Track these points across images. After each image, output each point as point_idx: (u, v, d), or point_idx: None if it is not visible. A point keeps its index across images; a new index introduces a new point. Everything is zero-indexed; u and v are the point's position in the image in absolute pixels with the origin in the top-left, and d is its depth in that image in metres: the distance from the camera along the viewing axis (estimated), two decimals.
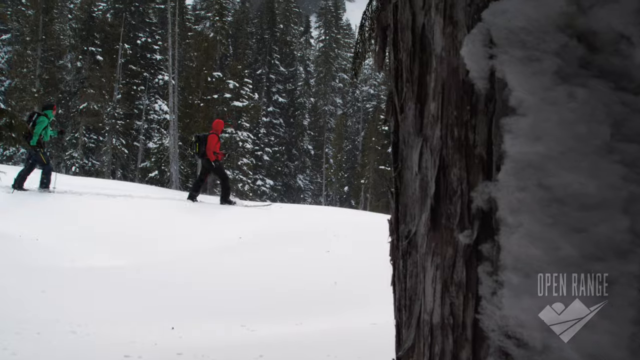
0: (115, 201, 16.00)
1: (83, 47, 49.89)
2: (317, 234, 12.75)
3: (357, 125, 74.41)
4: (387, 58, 1.82)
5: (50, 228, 12.17)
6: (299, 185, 64.00)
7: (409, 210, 1.62)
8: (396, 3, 1.63)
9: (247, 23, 70.51)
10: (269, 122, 61.76)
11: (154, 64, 52.34)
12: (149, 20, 53.83)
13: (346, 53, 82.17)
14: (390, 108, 1.72)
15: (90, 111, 45.92)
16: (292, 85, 67.48)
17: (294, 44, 73.46)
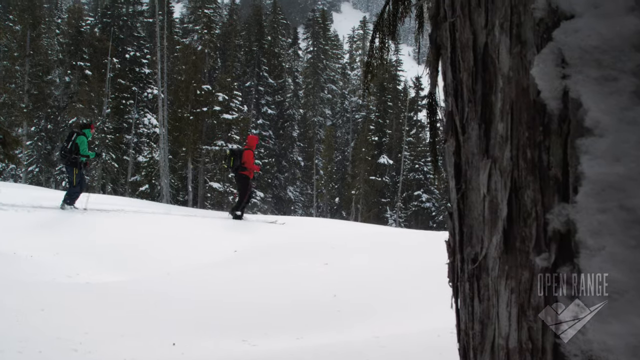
0: (108, 216, 15.95)
1: (71, 61, 49.84)
2: (314, 246, 12.73)
3: (346, 136, 74.51)
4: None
5: (44, 244, 12.10)
6: (290, 197, 63.94)
7: (475, 232, 1.59)
8: (453, 22, 1.61)
9: (235, 35, 70.53)
10: (259, 134, 61.72)
11: (143, 78, 52.31)
12: (137, 34, 53.84)
13: (334, 64, 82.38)
14: (450, 128, 1.69)
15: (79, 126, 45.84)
16: (281, 97, 67.47)
17: (282, 55, 73.49)
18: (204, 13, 59.72)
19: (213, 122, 48.07)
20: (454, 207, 1.69)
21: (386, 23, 4.88)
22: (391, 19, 4.84)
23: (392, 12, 4.86)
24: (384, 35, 4.94)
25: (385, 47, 5.14)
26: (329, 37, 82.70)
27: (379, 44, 5.11)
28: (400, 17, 4.81)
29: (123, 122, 49.60)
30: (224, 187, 46.85)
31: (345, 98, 77.41)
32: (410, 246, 12.92)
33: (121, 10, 53.57)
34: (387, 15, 4.88)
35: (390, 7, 4.87)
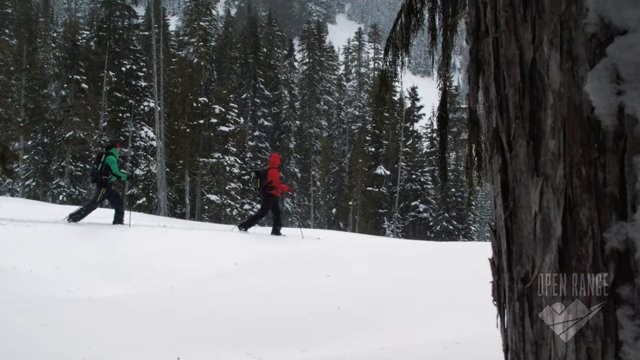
0: (107, 229, 15.91)
1: (68, 75, 49.80)
2: (315, 258, 12.70)
3: (343, 147, 74.52)
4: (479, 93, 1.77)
5: (44, 258, 12.06)
6: (287, 208, 63.86)
7: (524, 251, 1.57)
8: (497, 37, 1.59)
9: (230, 48, 70.58)
10: (255, 146, 61.73)
11: (139, 91, 52.28)
12: (133, 47, 53.82)
13: (330, 75, 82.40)
14: (496, 145, 1.66)
15: (76, 139, 45.78)
16: (277, 109, 67.53)
17: (278, 67, 73.56)
18: (200, 26, 59.72)
19: (210, 135, 48.05)
20: (499, 225, 1.66)
21: (399, 36, 4.86)
22: (404, 32, 4.83)
23: (404, 24, 4.84)
24: (397, 49, 4.93)
25: (398, 60, 5.13)
26: (324, 48, 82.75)
27: (392, 57, 5.10)
28: (412, 29, 4.80)
29: (120, 136, 49.50)
30: (221, 200, 46.76)
31: (342, 109, 77.47)
32: (409, 257, 12.90)
33: (117, 23, 53.57)
34: (399, 28, 4.87)
35: (403, 20, 4.85)
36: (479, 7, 1.66)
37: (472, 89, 1.74)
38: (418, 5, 4.75)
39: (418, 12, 4.76)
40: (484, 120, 1.74)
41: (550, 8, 1.42)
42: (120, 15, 54.10)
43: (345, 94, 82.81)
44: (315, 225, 62.77)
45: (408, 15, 4.79)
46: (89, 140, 46.55)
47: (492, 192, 1.71)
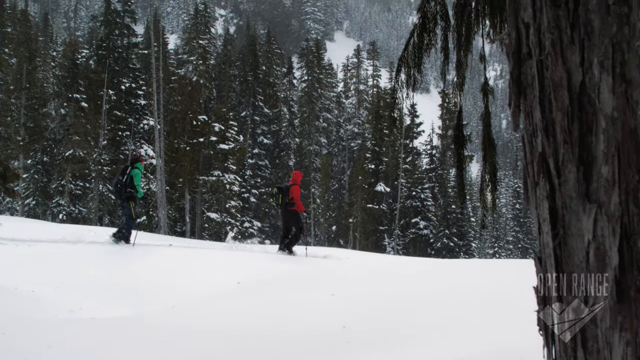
0: (109, 249, 15.87)
1: (67, 94, 49.82)
2: (319, 276, 12.65)
3: (342, 164, 74.58)
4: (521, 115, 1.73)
5: (45, 278, 12.01)
6: None
7: (576, 280, 1.52)
8: (541, 59, 1.55)
9: (230, 66, 70.72)
10: (255, 164, 61.75)
11: (139, 109, 52.31)
12: (132, 65, 53.87)
13: (329, 93, 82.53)
14: (542, 170, 1.61)
15: (76, 158, 45.77)
16: (276, 126, 67.63)
17: (277, 85, 73.69)
18: (199, 44, 59.85)
19: (209, 153, 48.07)
20: (546, 253, 1.61)
21: (411, 55, 4.83)
22: (416, 52, 4.80)
23: (416, 44, 4.81)
24: (410, 68, 4.90)
25: (411, 80, 5.09)
26: (323, 66, 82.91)
27: (405, 77, 5.07)
28: (425, 49, 4.77)
29: (119, 154, 49.51)
30: (221, 218, 46.71)
31: (341, 126, 77.54)
32: (411, 275, 12.86)
33: (116, 42, 53.65)
34: (411, 47, 4.84)
35: (416, 40, 4.83)
36: (519, 28, 1.62)
37: (513, 112, 1.69)
38: (431, 24, 4.72)
39: (431, 32, 4.74)
40: (526, 145, 1.70)
41: (600, 30, 1.38)
42: (120, 34, 54.18)
43: (345, 111, 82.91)
44: (315, 243, 62.67)
45: (421, 34, 4.77)
46: (88, 159, 46.53)
47: (535, 218, 1.66)
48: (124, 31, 54.48)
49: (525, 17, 1.62)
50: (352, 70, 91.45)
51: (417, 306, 9.28)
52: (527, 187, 1.69)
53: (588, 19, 1.40)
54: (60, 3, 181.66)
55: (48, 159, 50.30)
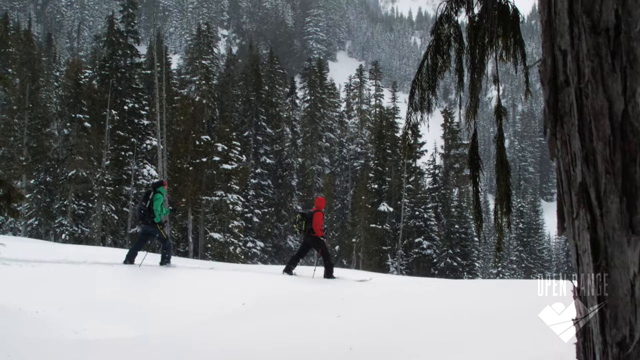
0: (112, 269, 15.83)
1: (70, 114, 49.87)
2: (324, 296, 12.59)
3: (345, 184, 74.58)
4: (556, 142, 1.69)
5: (49, 299, 11.98)
6: (290, 246, 63.73)
7: (620, 313, 1.48)
8: (580, 87, 1.51)
9: (232, 86, 70.92)
10: (258, 184, 61.73)
11: (142, 129, 52.36)
12: (135, 86, 53.95)
13: (332, 112, 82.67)
14: (583, 201, 1.58)
15: (79, 178, 45.76)
16: (279, 146, 67.67)
17: (279, 105, 73.84)
18: (202, 64, 60.04)
19: (212, 173, 48.06)
20: (587, 285, 1.57)
21: (425, 78, 4.82)
22: (430, 74, 4.78)
23: (430, 66, 4.80)
24: (423, 91, 4.88)
25: (425, 103, 5.07)
26: (325, 85, 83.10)
27: (419, 100, 5.04)
28: (439, 71, 4.75)
29: (122, 174, 49.52)
30: (224, 238, 46.64)
31: (343, 146, 77.63)
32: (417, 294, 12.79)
33: (119, 62, 53.76)
34: (425, 69, 4.82)
35: (429, 62, 4.81)
36: (555, 55, 1.58)
37: (550, 141, 1.66)
38: (445, 46, 4.71)
39: (445, 54, 4.73)
40: (562, 173, 1.66)
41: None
42: (123, 54, 54.31)
43: (347, 130, 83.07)
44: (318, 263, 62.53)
45: (434, 56, 4.75)
46: (91, 179, 46.54)
47: (572, 249, 1.62)
48: (127, 51, 54.60)
49: (562, 44, 1.59)
50: (355, 90, 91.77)
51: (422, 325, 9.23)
52: (562, 217, 1.65)
53: (630, 47, 1.36)
54: (64, 23, 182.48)
55: (51, 179, 50.33)
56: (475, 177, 4.67)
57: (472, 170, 4.48)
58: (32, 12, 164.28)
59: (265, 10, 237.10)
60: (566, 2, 1.59)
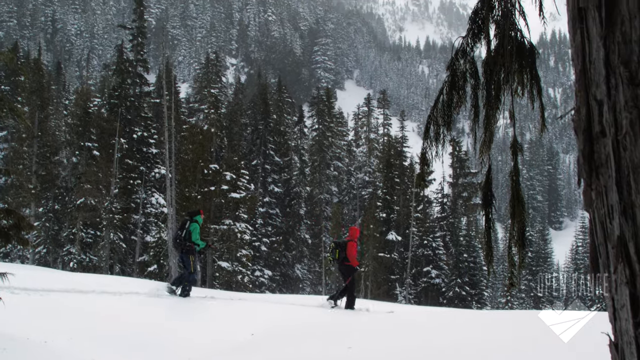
0: (121, 298, 15.78)
1: (79, 142, 50.07)
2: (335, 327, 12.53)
3: (353, 213, 74.52)
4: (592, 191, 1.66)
5: (57, 329, 11.93)
6: (297, 274, 63.63)
7: None
8: (617, 139, 1.48)
9: (241, 114, 71.17)
10: (266, 213, 61.72)
11: (150, 158, 52.48)
12: (144, 114, 54.11)
13: (340, 141, 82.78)
14: (622, 255, 1.54)
15: (87, 206, 45.81)
16: (287, 175, 67.73)
17: (288, 133, 74.02)
18: (210, 93, 60.27)
19: (221, 201, 48.07)
20: (625, 340, 1.53)
21: (440, 113, 4.81)
22: (445, 109, 4.77)
23: (446, 102, 4.79)
24: (439, 126, 4.87)
25: (440, 138, 5.06)
26: (333, 114, 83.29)
27: (434, 135, 5.03)
28: (455, 106, 4.74)
29: (131, 202, 49.55)
30: (232, 267, 46.56)
31: (352, 175, 77.67)
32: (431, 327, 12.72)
33: (128, 91, 53.91)
34: (440, 105, 4.81)
35: (445, 97, 4.80)
36: (590, 105, 1.56)
37: (585, 192, 1.63)
38: (460, 82, 4.70)
39: (460, 89, 4.72)
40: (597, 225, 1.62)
41: None
42: (132, 83, 54.48)
43: (355, 159, 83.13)
44: (326, 292, 62.44)
45: (450, 92, 4.74)
46: (99, 207, 46.58)
47: (609, 303, 1.59)
48: (136, 80, 54.79)
49: (597, 94, 1.57)
50: (363, 118, 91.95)
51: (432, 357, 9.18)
52: (597, 268, 1.62)
53: None
54: (73, 52, 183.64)
55: (59, 207, 50.40)
56: (488, 213, 4.63)
57: (485, 206, 4.44)
58: (42, 40, 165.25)
59: (274, 40, 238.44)
60: (602, 52, 1.56)
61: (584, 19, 1.71)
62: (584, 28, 1.69)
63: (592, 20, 1.64)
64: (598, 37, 1.60)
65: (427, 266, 57.61)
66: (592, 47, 1.60)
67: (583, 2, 1.71)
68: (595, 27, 1.62)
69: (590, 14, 1.66)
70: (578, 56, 1.70)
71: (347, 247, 17.43)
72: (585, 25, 1.68)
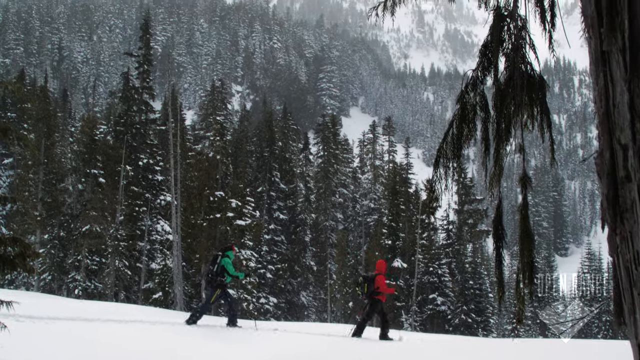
0: (126, 327, 15.73)
1: (85, 169, 50.17)
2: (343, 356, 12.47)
3: (358, 240, 74.35)
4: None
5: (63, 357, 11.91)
6: (303, 302, 63.44)
7: None
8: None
9: (246, 141, 71.32)
10: (271, 240, 61.60)
11: (156, 185, 52.53)
12: (150, 141, 54.23)
13: (345, 168, 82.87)
14: None
15: (92, 233, 45.80)
16: (292, 202, 67.70)
17: (293, 160, 74.10)
18: (216, 120, 60.32)
19: (226, 229, 47.98)
20: None
21: (450, 146, 4.80)
22: (455, 142, 4.76)
23: (455, 135, 4.78)
24: (448, 160, 4.86)
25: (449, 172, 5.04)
26: (339, 141, 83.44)
27: (443, 169, 5.02)
28: (464, 140, 4.74)
29: (136, 229, 49.55)
30: (237, 294, 46.41)
31: (357, 202, 77.55)
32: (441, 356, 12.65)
33: (134, 118, 54.00)
34: (450, 138, 4.80)
35: (454, 131, 4.79)
36: (614, 149, 1.54)
37: (610, 237, 1.60)
38: (470, 115, 4.69)
39: (470, 122, 4.71)
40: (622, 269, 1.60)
41: None
42: (138, 110, 54.57)
43: (361, 186, 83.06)
44: (331, 319, 62.25)
45: (460, 125, 4.73)
46: (105, 234, 46.55)
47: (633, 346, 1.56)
48: (142, 107, 54.91)
49: (622, 138, 1.54)
50: (368, 145, 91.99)
51: None
52: (620, 312, 1.59)
53: None
54: (79, 79, 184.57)
55: (65, 234, 50.40)
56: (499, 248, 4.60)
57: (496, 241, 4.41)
58: (49, 68, 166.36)
59: (279, 67, 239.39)
60: (626, 96, 1.54)
61: (607, 62, 1.69)
62: (607, 71, 1.67)
63: (616, 64, 1.62)
64: (622, 80, 1.58)
65: (432, 293, 57.43)
66: (615, 91, 1.58)
67: (607, 45, 1.70)
68: (619, 71, 1.60)
69: (613, 57, 1.64)
70: (601, 99, 1.68)
71: (375, 281, 17.55)
72: (608, 68, 1.67)
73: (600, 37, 1.78)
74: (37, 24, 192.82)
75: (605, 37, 1.72)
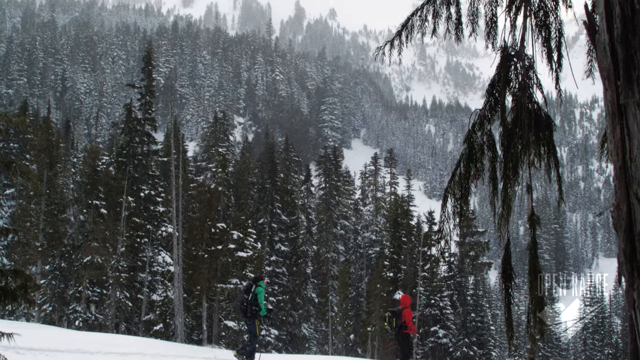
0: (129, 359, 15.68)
1: (87, 200, 50.14)
2: None
3: (360, 272, 74.21)
4: None
5: None
6: (304, 334, 63.12)
7: None
8: None
9: (248, 173, 71.38)
10: (272, 271, 61.42)
11: (158, 216, 52.48)
12: (152, 172, 54.26)
13: (347, 200, 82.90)
14: None
15: (94, 264, 45.66)
16: (294, 234, 67.55)
17: (295, 192, 74.12)
18: (218, 151, 60.40)
19: (228, 260, 47.83)
20: None
21: (457, 185, 4.81)
22: (462, 181, 4.77)
23: (463, 174, 4.79)
24: (456, 200, 4.87)
25: (457, 212, 5.05)
26: (340, 173, 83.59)
27: (452, 209, 5.03)
28: (472, 178, 4.75)
29: (137, 260, 49.46)
30: (239, 326, 46.21)
31: (358, 234, 77.47)
32: None
33: (136, 149, 54.01)
34: (457, 177, 4.82)
35: (462, 170, 4.81)
36: (631, 203, 1.55)
37: (627, 292, 1.61)
38: (477, 154, 4.71)
39: (478, 162, 4.73)
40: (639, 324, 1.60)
41: None
42: (140, 142, 54.58)
43: (362, 218, 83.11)
44: (332, 352, 61.92)
45: (467, 164, 4.75)
46: (106, 265, 46.43)
47: None
48: (144, 138, 54.92)
49: (639, 193, 1.55)
50: (370, 177, 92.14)
51: None
52: None
53: None
54: (82, 110, 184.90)
55: (66, 265, 50.25)
56: (508, 288, 4.60)
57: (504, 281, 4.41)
58: (52, 99, 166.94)
59: (281, 99, 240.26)
60: None
61: (623, 115, 1.70)
62: (623, 124, 1.69)
63: (633, 117, 1.64)
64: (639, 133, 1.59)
65: (434, 326, 57.18)
66: (632, 144, 1.59)
67: (624, 98, 1.71)
68: (636, 124, 1.61)
69: (630, 110, 1.66)
70: (618, 152, 1.69)
71: (402, 315, 17.60)
72: (625, 121, 1.68)
73: (617, 90, 1.79)
74: (41, 55, 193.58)
75: (622, 90, 1.74)
